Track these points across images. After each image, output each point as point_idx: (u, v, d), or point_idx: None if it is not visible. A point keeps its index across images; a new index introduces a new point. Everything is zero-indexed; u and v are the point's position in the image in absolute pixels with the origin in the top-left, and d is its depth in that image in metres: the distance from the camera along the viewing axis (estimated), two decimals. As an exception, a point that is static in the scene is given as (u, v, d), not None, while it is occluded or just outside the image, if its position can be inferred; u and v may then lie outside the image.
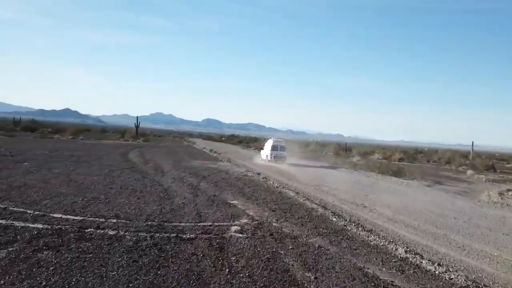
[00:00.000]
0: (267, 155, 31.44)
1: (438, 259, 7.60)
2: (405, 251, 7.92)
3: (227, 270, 5.84)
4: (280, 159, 30.48)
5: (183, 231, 7.85)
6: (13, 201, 9.49)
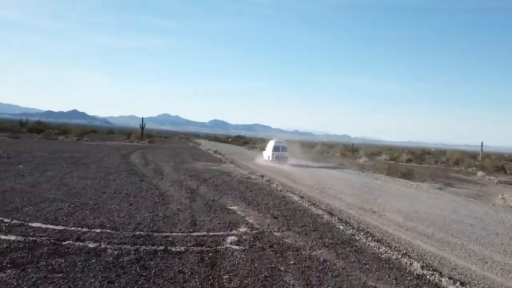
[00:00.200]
0: (268, 156, 31.54)
1: (459, 276, 6.75)
2: (421, 266, 7.06)
3: (217, 292, 5.06)
4: (281, 159, 30.61)
5: (173, 242, 7.08)
6: (-7, 208, 8.81)
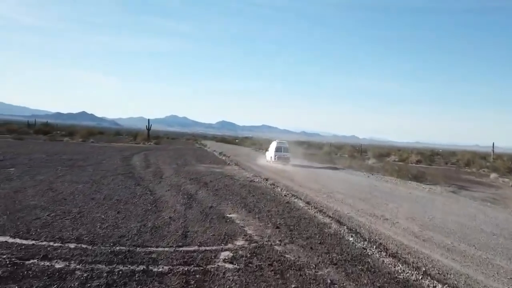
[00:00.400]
0: (271, 157, 31.91)
1: (492, 303, 5.72)
2: (447, 290, 6.06)
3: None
4: (284, 160, 30.89)
5: (156, 260, 6.13)
6: (-36, 217, 7.94)
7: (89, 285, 4.95)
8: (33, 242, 6.57)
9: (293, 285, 5.57)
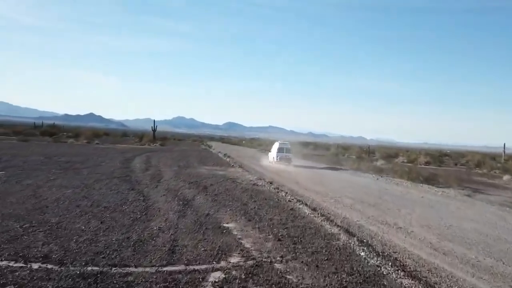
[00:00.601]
0: (273, 157, 32.15)
1: None
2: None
3: None
4: (286, 160, 31.11)
5: (132, 286, 5.15)
6: None
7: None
8: (-10, 261, 5.63)
9: (294, 319, 4.56)
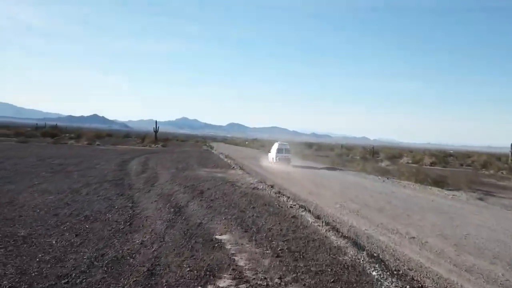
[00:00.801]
0: (273, 158, 32.60)
1: None
2: None
3: None
4: (285, 161, 31.52)
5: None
6: None
7: None
8: None
9: None
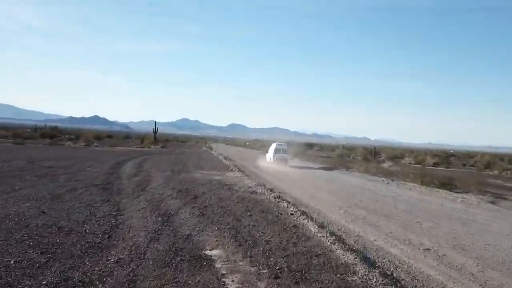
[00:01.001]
0: (270, 158, 33.07)
1: None
2: None
3: None
4: (282, 161, 31.95)
5: None
6: None
7: None
8: None
9: None
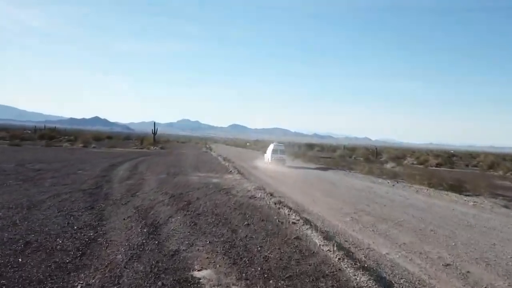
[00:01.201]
0: (268, 158, 33.42)
1: None
2: None
3: None
4: (280, 161, 32.38)
5: None
6: None
7: None
8: None
9: None
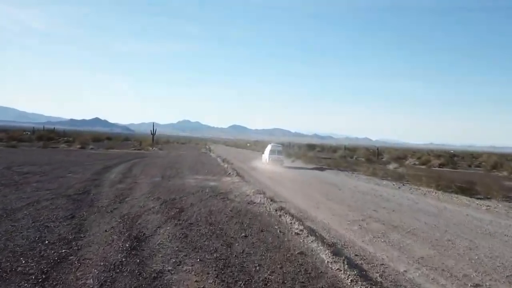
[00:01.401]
0: (266, 159, 33.49)
1: None
2: None
3: None
4: (277, 162, 32.47)
5: None
6: None
7: None
8: None
9: None
